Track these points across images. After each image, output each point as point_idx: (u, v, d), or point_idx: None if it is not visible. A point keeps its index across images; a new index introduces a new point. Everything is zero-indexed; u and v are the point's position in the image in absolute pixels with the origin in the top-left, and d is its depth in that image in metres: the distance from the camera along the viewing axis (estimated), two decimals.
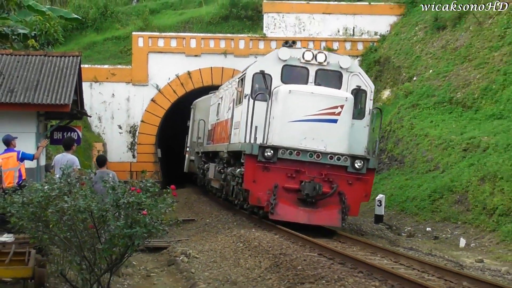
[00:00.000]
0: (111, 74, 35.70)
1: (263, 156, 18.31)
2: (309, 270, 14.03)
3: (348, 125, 19.41)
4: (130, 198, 10.56)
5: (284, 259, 15.28)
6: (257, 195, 18.82)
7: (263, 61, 21.20)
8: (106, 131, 35.65)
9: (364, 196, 19.88)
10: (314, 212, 18.98)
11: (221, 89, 29.72)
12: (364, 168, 19.16)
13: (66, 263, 11.32)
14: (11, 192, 12.28)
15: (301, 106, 18.92)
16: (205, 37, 36.75)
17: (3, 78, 21.81)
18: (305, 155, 18.68)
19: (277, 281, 13.67)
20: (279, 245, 17.10)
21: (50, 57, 23.86)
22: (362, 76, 21.05)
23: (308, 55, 20.43)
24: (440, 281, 13.29)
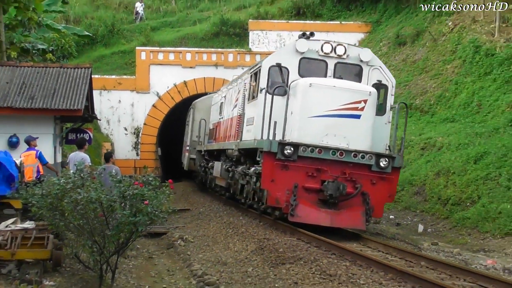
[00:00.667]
0: (117, 83, 35.61)
1: (282, 154, 14.95)
2: (289, 252, 14.03)
3: (371, 121, 15.99)
4: (134, 191, 10.61)
5: (267, 243, 15.28)
6: (276, 196, 15.23)
7: (279, 54, 17.38)
8: (113, 132, 35.57)
9: (388, 196, 16.25)
10: (337, 214, 15.43)
11: (224, 88, 27.00)
12: (389, 167, 15.70)
13: (80, 247, 11.38)
14: (32, 185, 12.37)
15: (322, 100, 15.49)
16: (199, 51, 36.73)
17: (25, 87, 21.73)
18: (328, 153, 15.23)
19: (262, 262, 13.67)
20: (263, 231, 17.11)
21: (65, 69, 23.79)
22: (383, 70, 17.30)
23: (327, 47, 16.77)
24: (402, 261, 13.31)
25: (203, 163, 29.25)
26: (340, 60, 16.88)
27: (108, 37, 41.47)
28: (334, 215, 15.29)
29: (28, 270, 10.72)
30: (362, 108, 15.43)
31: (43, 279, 10.41)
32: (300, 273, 12.12)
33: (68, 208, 10.59)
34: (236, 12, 43.80)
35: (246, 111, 19.18)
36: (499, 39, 26.62)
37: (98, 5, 46.55)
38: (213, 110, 28.90)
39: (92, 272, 11.31)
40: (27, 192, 12.14)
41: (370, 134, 15.97)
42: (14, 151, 18.63)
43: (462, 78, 26.88)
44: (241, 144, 18.96)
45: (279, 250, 14.34)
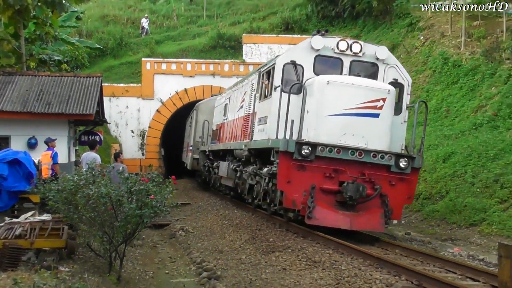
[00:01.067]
0: (125, 90, 35.61)
1: (299, 154, 12.89)
2: (278, 241, 14.07)
3: (390, 120, 14.06)
4: (140, 186, 10.66)
5: (259, 233, 15.31)
6: (292, 197, 13.16)
7: (294, 51, 15.03)
8: (121, 134, 35.54)
9: (407, 198, 14.23)
10: (356, 217, 13.47)
11: (228, 90, 24.87)
12: (408, 168, 13.73)
13: (91, 237, 11.43)
14: (48, 182, 12.41)
15: (340, 98, 13.45)
16: (198, 62, 36.74)
17: (43, 94, 21.75)
18: (346, 153, 13.18)
19: (254, 250, 13.70)
20: (256, 222, 17.12)
21: (78, 78, 23.83)
22: (399, 69, 15.23)
23: (342, 45, 14.65)
24: (379, 249, 13.36)
25: (207, 163, 27.43)
26: (355, 58, 14.86)
27: (117, 49, 41.49)
28: (353, 217, 13.38)
29: (46, 257, 10.73)
30: (380, 107, 13.60)
31: (59, 266, 10.41)
32: (288, 260, 12.16)
33: (81, 202, 10.67)
34: (231, 27, 43.83)
35: (257, 110, 16.85)
36: (464, 52, 26.86)
37: (108, 21, 46.51)
38: (217, 112, 26.99)
39: (103, 259, 11.36)
40: (44, 188, 12.21)
41: (389, 133, 14.13)
42: (33, 152, 18.69)
43: (432, 87, 27.04)
44: (252, 144, 16.83)
45: (270, 240, 14.39)
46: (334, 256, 11.81)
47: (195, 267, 13.54)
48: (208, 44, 41.12)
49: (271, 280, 11.12)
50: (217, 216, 19.47)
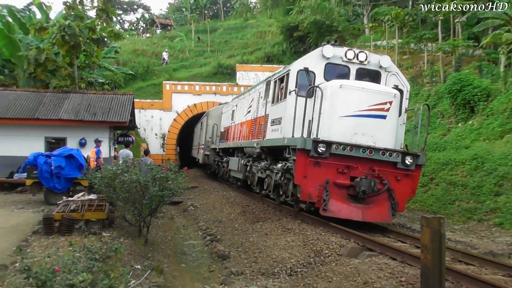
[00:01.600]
0: (151, 104, 35.49)
1: (315, 151, 11.15)
2: (262, 214, 14.08)
3: (395, 121, 12.31)
4: (161, 174, 10.73)
5: (248, 208, 15.32)
6: (308, 191, 11.33)
7: (307, 59, 13.01)
8: (148, 136, 35.41)
9: (411, 192, 12.33)
10: (367, 209, 11.63)
11: (235, 99, 22.63)
12: (413, 165, 11.97)
13: (126, 211, 11.45)
14: (94, 171, 12.50)
15: (351, 101, 11.68)
16: (204, 84, 36.65)
17: (90, 107, 21.76)
18: (358, 151, 11.42)
19: (244, 220, 13.74)
20: (246, 201, 17.10)
21: (116, 95, 23.86)
22: (399, 76, 13.42)
23: (350, 54, 12.79)
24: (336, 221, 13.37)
25: (216, 158, 25.44)
26: (361, 65, 12.91)
27: (145, 74, 41.47)
28: (364, 210, 11.61)
29: (92, 226, 10.73)
30: (387, 109, 11.84)
31: (102, 232, 10.40)
32: (269, 228, 12.18)
33: (118, 186, 10.69)
34: (228, 59, 43.86)
35: (270, 112, 14.55)
36: None
37: (138, 53, 46.42)
38: (224, 117, 24.95)
39: (134, 227, 11.35)
40: (91, 175, 12.29)
41: (394, 133, 12.33)
42: (83, 149, 18.76)
43: None
44: (265, 142, 14.51)
45: (256, 213, 14.41)
46: (302, 225, 11.82)
47: (202, 233, 13.58)
48: (211, 71, 41.20)
49: (256, 242, 11.16)
50: (218, 196, 19.46)
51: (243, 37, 51.87)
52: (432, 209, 14.81)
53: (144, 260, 9.38)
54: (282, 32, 42.25)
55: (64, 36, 23.37)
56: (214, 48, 49.75)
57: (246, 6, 64.66)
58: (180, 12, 73.93)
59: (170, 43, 51.87)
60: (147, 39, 56.75)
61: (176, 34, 55.40)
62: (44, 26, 25.27)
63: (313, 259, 9.14)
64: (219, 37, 53.45)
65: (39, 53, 24.29)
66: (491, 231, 12.07)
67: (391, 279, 7.04)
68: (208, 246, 11.93)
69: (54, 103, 21.85)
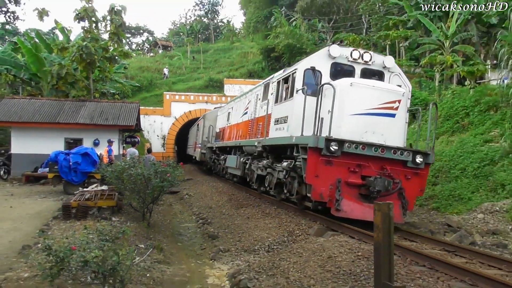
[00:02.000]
0: (153, 111, 35.17)
1: (327, 150, 9.16)
2: (245, 201, 14.00)
3: (404, 120, 10.33)
4: (162, 169, 10.58)
5: (233, 196, 15.22)
6: (320, 190, 9.28)
7: (313, 58, 11.04)
8: (151, 137, 35.04)
9: (420, 190, 10.22)
10: None
11: (231, 102, 20.56)
12: (423, 163, 9.95)
13: (132, 199, 11.24)
14: (106, 166, 12.37)
15: (361, 99, 9.70)
16: (197, 95, 36.42)
17: (103, 113, 21.51)
18: (370, 149, 9.45)
19: (230, 206, 13.63)
20: (232, 189, 17.03)
21: (125, 104, 23.65)
22: (401, 76, 11.46)
23: (355, 54, 10.94)
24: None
25: (212, 156, 23.38)
26: (366, 65, 11.03)
27: (148, 87, 41.06)
28: None
29: (104, 212, 10.55)
30: (396, 108, 9.94)
31: (112, 217, 10.24)
32: (250, 212, 12.12)
33: (126, 179, 10.50)
34: (217, 74, 43.63)
35: (272, 112, 12.39)
36: None
37: (143, 70, 45.90)
38: (219, 119, 22.87)
39: (138, 213, 11.15)
40: (103, 170, 12.19)
41: (403, 132, 10.41)
42: (97, 148, 18.61)
43: None
44: (268, 141, 12.30)
45: (240, 200, 14.32)
46: (277, 210, 11.79)
47: (195, 217, 13.45)
48: (203, 84, 40.99)
49: (240, 224, 11.08)
50: (208, 187, 19.33)
51: (229, 56, 51.70)
52: None
53: (147, 240, 9.26)
54: (262, 53, 42.28)
55: (82, 55, 23.36)
56: (206, 66, 49.48)
57: (232, 31, 64.60)
58: (178, 35, 73.70)
59: (170, 61, 51.47)
60: (151, 58, 56.17)
61: (175, 54, 55.04)
62: (65, 46, 25.37)
63: (286, 238, 9.10)
64: (210, 56, 53.18)
65: (60, 68, 24.20)
66: (430, 214, 12.19)
67: (350, 254, 7.04)
68: (200, 228, 11.81)
69: (73, 110, 21.64)
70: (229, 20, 75.30)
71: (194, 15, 79.54)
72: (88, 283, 5.71)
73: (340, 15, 41.84)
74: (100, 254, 5.16)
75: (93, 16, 26.57)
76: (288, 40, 37.21)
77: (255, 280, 6.85)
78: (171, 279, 7.21)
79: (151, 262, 7.57)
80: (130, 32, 77.79)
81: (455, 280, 5.86)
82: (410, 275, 6.02)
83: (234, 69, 45.22)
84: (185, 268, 8.11)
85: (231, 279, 7.32)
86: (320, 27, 42.54)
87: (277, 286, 6.40)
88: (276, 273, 6.97)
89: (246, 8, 64.91)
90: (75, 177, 14.27)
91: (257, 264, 7.62)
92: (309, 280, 6.29)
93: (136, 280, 6.42)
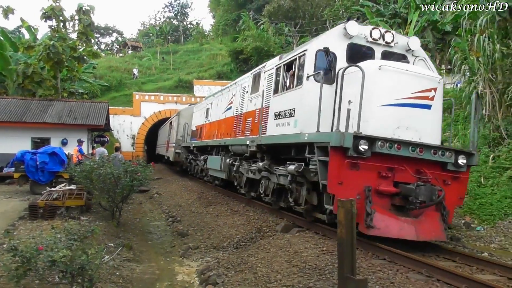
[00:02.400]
0: (123, 111, 34.45)
1: (355, 150, 6.78)
2: (214, 199, 13.95)
3: (440, 112, 7.85)
4: (132, 168, 10.41)
5: (203, 195, 15.12)
6: None
7: (327, 37, 8.50)
8: (121, 137, 34.28)
9: (459, 198, 7.85)
10: (419, 224, 7.15)
11: (210, 97, 17.87)
12: (465, 166, 7.66)
13: (101, 198, 10.98)
14: (74, 166, 12.08)
15: (392, 87, 7.30)
16: (167, 95, 35.97)
17: (71, 112, 21.06)
18: (407, 149, 7.07)
19: (200, 204, 13.53)
20: (201, 188, 16.90)
21: (94, 103, 23.23)
22: (427, 62, 8.91)
23: (376, 33, 8.52)
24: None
25: (189, 156, 20.76)
26: (387, 48, 8.67)
27: (118, 86, 40.25)
28: (417, 225, 7.11)
29: (72, 211, 10.26)
30: (432, 97, 7.52)
31: (80, 216, 9.98)
32: (219, 210, 12.08)
33: (95, 178, 10.26)
34: (187, 75, 43.21)
35: (272, 105, 9.77)
36: None
37: (112, 69, 44.89)
38: (196, 116, 20.30)
39: (108, 212, 10.92)
40: (72, 169, 11.91)
41: (439, 127, 7.96)
42: (65, 147, 18.10)
43: None
44: (266, 139, 9.85)
45: (209, 198, 14.24)
46: (246, 207, 11.81)
47: (165, 215, 13.29)
48: (173, 85, 40.54)
49: (209, 222, 11.03)
50: (178, 185, 19.13)
51: (199, 58, 51.33)
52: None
53: (116, 239, 9.07)
54: (230, 55, 42.22)
55: (49, 54, 22.75)
56: (176, 67, 48.93)
57: (201, 33, 64.18)
58: (148, 36, 72.49)
59: (139, 62, 50.58)
60: (120, 58, 55.04)
61: (145, 55, 54.12)
62: (31, 45, 24.68)
63: (254, 234, 9.13)
64: (179, 57, 52.62)
65: (27, 67, 23.50)
66: None
67: (315, 249, 7.13)
68: (170, 226, 11.69)
69: (40, 109, 21.01)
70: (198, 22, 74.91)
71: (164, 17, 78.49)
72: (55, 283, 5.54)
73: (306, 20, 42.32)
74: (68, 253, 5.02)
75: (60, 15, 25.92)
76: (256, 43, 37.35)
77: (224, 276, 6.84)
78: (141, 277, 7.11)
79: (120, 261, 7.43)
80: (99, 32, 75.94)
81: (413, 272, 6.05)
82: (372, 268, 6.16)
83: (204, 71, 44.95)
84: (154, 266, 8.01)
85: (200, 275, 7.27)
86: (286, 31, 42.85)
87: (245, 281, 6.42)
88: (244, 269, 6.98)
89: (215, 11, 64.64)
90: (42, 176, 13.84)
91: (226, 261, 7.61)
92: (276, 275, 6.34)
93: (105, 278, 6.28)
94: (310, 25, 42.72)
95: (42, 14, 25.44)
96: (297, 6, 42.13)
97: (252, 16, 47.29)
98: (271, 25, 43.55)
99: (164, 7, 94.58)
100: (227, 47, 45.00)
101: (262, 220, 9.95)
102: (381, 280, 5.64)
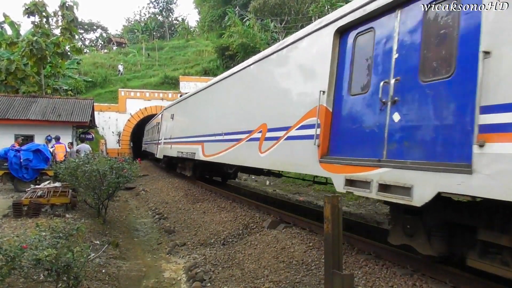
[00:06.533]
0: (108, 108, 34.05)
1: None
2: (201, 196, 13.89)
3: None
4: (118, 164, 10.27)
5: (190, 192, 15.05)
6: None
7: None
8: (106, 134, 33.93)
9: None
10: None
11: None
12: None
13: (86, 196, 10.83)
14: (59, 163, 11.91)
15: None
16: (153, 91, 35.70)
17: (55, 109, 20.71)
18: None
19: (186, 201, 13.47)
20: (188, 185, 16.80)
21: (78, 100, 22.92)
22: None
23: None
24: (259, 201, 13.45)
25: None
26: None
27: (103, 83, 39.81)
28: None
29: (57, 209, 10.11)
30: None
31: (66, 214, 9.84)
32: (206, 207, 12.04)
33: (80, 175, 10.09)
34: (173, 71, 42.91)
35: None
36: None
37: (97, 66, 44.34)
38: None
39: (94, 209, 10.79)
40: (56, 166, 11.75)
41: None
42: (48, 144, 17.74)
43: None
44: None
45: (196, 195, 14.18)
46: (233, 204, 11.80)
47: (151, 212, 13.18)
48: (159, 81, 40.24)
49: (196, 218, 10.99)
50: (165, 182, 19.00)
51: (185, 54, 50.93)
52: (332, 190, 15.28)
53: (102, 236, 8.97)
54: (216, 51, 42.05)
55: (32, 50, 22.34)
56: (162, 63, 48.51)
57: (187, 29, 63.72)
58: (133, 32, 71.58)
59: (125, 58, 50.00)
60: (105, 54, 54.30)
61: (130, 51, 53.50)
62: (14, 41, 24.25)
63: (242, 231, 9.12)
64: (165, 54, 52.15)
65: (10, 63, 23.06)
66: (375, 206, 12.65)
67: (302, 244, 7.16)
68: (157, 223, 11.60)
69: (23, 106, 20.62)
70: (184, 19, 74.43)
71: (149, 13, 77.69)
72: (41, 281, 5.45)
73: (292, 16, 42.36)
74: (53, 252, 4.93)
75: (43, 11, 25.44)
76: (242, 39, 37.24)
77: (211, 273, 6.82)
78: (127, 274, 7.04)
79: (106, 258, 7.34)
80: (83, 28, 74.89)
81: (398, 267, 6.12)
82: (358, 263, 6.21)
83: (190, 67, 44.68)
84: (141, 263, 7.94)
85: (187, 272, 7.24)
86: (272, 27, 42.82)
87: (232, 277, 6.41)
88: (231, 265, 6.98)
89: (200, 7, 64.15)
90: (26, 174, 13.60)
91: (213, 257, 7.59)
92: (263, 270, 6.35)
93: (91, 276, 6.20)
94: (296, 22, 42.76)
95: (24, 10, 24.92)
96: (282, 2, 42.12)
97: (238, 12, 47.13)
98: (257, 22, 43.47)
99: (149, 2, 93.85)
100: (213, 43, 44.80)
101: (249, 217, 9.94)
102: (367, 275, 5.69)
